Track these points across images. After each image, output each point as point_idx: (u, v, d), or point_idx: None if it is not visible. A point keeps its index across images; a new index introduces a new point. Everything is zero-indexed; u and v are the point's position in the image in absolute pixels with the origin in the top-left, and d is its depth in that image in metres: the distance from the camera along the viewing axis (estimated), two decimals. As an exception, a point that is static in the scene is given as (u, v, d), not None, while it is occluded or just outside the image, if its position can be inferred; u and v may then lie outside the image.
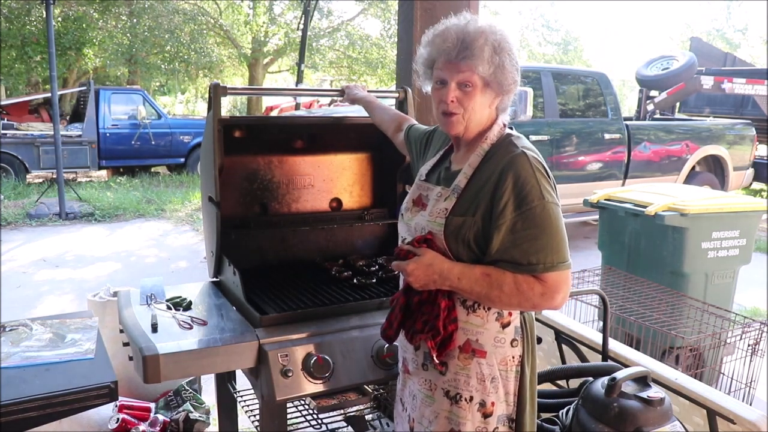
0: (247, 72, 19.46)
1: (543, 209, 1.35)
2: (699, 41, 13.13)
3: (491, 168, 1.42)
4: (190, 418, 2.77)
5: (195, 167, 11.64)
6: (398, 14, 2.76)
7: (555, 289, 1.35)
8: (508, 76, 1.44)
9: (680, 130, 8.01)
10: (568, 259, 1.38)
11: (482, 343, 1.44)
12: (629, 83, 21.63)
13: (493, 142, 1.48)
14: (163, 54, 16.47)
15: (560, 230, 1.37)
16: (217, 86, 1.96)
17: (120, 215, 8.29)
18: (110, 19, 15.74)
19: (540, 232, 1.35)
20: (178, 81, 20.21)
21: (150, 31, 15.53)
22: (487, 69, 1.42)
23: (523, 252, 1.36)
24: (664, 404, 1.76)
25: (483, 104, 1.46)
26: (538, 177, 1.37)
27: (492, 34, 1.43)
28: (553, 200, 1.37)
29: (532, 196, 1.35)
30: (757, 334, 3.11)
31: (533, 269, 1.35)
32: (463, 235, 1.42)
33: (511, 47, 1.45)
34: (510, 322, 1.46)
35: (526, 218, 1.35)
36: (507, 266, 1.37)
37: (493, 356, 1.45)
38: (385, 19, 18.56)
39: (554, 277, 1.35)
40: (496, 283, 1.36)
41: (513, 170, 1.38)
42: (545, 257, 1.35)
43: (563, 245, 1.37)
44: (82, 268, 5.96)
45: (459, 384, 1.46)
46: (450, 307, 1.43)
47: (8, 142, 9.72)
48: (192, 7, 16.98)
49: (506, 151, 1.43)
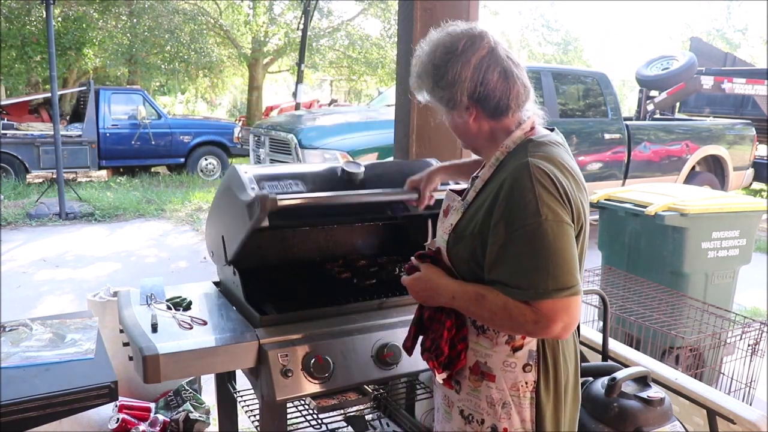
0: (247, 72, 19.48)
1: (538, 228, 1.20)
2: (699, 41, 13.14)
3: (497, 180, 1.32)
4: (190, 418, 2.77)
5: (195, 167, 11.65)
6: (398, 14, 2.76)
7: (550, 318, 1.21)
8: (441, 93, 1.37)
9: (680, 130, 8.01)
10: (571, 285, 1.21)
11: (491, 366, 1.36)
12: (629, 83, 21.63)
13: (509, 150, 1.36)
14: (163, 54, 16.48)
15: (560, 252, 1.21)
16: (266, 198, 1.62)
17: (120, 215, 8.28)
18: (110, 19, 15.75)
19: (533, 254, 1.21)
20: (178, 81, 20.22)
21: (150, 31, 15.54)
22: (424, 98, 1.42)
23: (512, 274, 1.23)
24: (664, 404, 1.76)
25: (460, 125, 1.41)
26: (537, 191, 1.22)
27: (414, 59, 1.42)
28: (555, 218, 1.21)
29: (527, 213, 1.22)
30: (757, 334, 3.11)
31: (523, 294, 1.22)
32: (461, 252, 1.36)
33: (428, 65, 1.37)
34: (522, 346, 1.35)
35: (519, 238, 1.22)
36: (500, 288, 1.26)
37: (502, 380, 1.36)
38: (385, 19, 18.58)
39: (549, 305, 1.20)
40: (488, 306, 1.27)
41: (510, 182, 1.26)
42: (538, 282, 1.20)
43: (564, 269, 1.21)
44: (82, 268, 5.96)
45: (471, 405, 1.40)
46: (458, 325, 1.38)
47: (8, 142, 9.72)
48: (192, 7, 16.99)
49: (514, 161, 1.31)
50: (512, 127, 1.39)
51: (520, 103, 1.37)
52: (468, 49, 1.34)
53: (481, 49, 1.34)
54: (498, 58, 1.35)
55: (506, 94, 1.35)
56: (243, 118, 17.55)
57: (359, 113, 7.53)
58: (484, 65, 1.33)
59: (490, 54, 1.34)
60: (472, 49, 1.34)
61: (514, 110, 1.37)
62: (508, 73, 1.35)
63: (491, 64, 1.34)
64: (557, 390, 1.37)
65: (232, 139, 11.98)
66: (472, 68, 1.33)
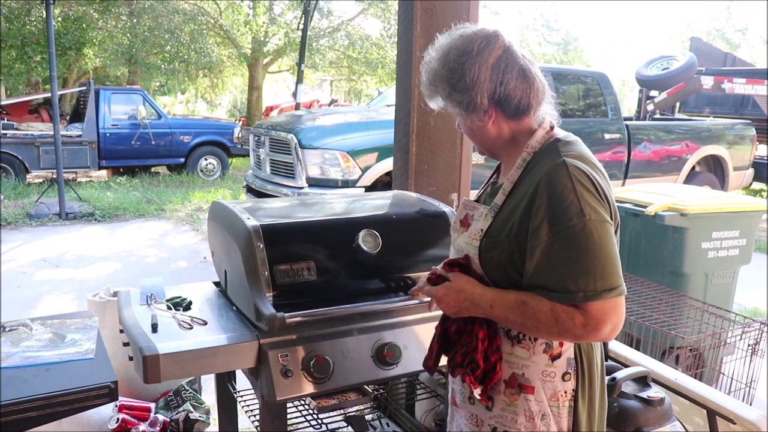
0: (247, 72, 19.49)
1: (583, 228, 1.18)
2: (699, 41, 13.16)
3: (530, 181, 1.28)
4: (190, 418, 2.77)
5: (195, 167, 11.65)
6: (398, 14, 2.76)
7: (600, 320, 1.18)
8: (459, 97, 1.31)
9: (680, 130, 8.01)
10: (617, 285, 1.19)
11: (529, 377, 1.30)
12: (629, 83, 21.66)
13: (535, 150, 1.33)
14: (163, 54, 16.49)
15: (606, 252, 1.19)
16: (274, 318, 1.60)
17: (120, 215, 8.29)
18: (110, 19, 15.76)
19: (580, 255, 1.18)
20: (178, 81, 20.25)
21: (150, 31, 15.55)
22: (438, 104, 1.38)
23: (559, 278, 1.19)
24: (664, 404, 1.76)
25: (477, 129, 1.36)
26: (578, 191, 1.20)
27: (424, 67, 1.37)
28: (597, 217, 1.19)
29: (570, 213, 1.18)
30: (757, 334, 3.11)
31: (572, 298, 1.18)
32: (498, 258, 1.29)
33: (441, 70, 1.32)
34: (561, 354, 1.30)
35: (564, 240, 1.18)
36: (543, 293, 1.21)
37: (541, 392, 1.30)
38: (385, 19, 18.59)
39: (598, 306, 1.17)
40: (532, 312, 1.21)
41: (549, 183, 1.22)
42: (586, 284, 1.17)
43: (610, 270, 1.19)
44: (82, 268, 5.96)
45: (506, 421, 1.33)
46: (490, 335, 1.32)
47: (8, 142, 9.72)
48: (192, 7, 17.01)
49: (548, 161, 1.27)
50: (533, 126, 1.35)
51: (540, 102, 1.34)
52: (484, 49, 1.29)
53: (497, 48, 1.30)
54: (515, 56, 1.31)
55: (527, 93, 1.31)
56: (243, 118, 17.56)
57: (359, 113, 7.52)
58: (502, 65, 1.29)
59: (507, 53, 1.30)
60: (488, 49, 1.29)
61: (535, 109, 1.34)
62: (527, 71, 1.31)
63: (509, 64, 1.30)
64: (591, 396, 1.34)
65: (232, 139, 11.98)
66: (491, 69, 1.29)
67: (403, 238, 1.94)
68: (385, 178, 5.90)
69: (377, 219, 1.98)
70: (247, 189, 7.07)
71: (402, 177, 2.73)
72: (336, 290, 1.79)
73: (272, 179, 6.44)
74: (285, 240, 1.78)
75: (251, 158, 7.28)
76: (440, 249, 1.94)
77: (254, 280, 1.68)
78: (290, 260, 1.73)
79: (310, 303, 1.69)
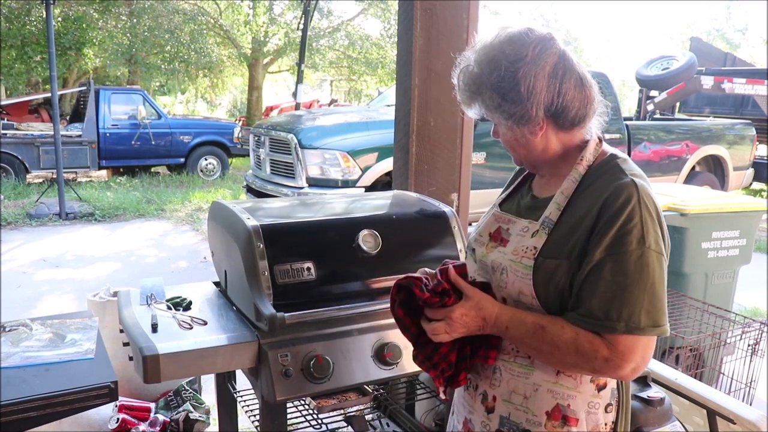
0: (247, 72, 19.50)
1: (641, 256, 1.09)
2: (699, 41, 13.17)
3: (592, 198, 1.16)
4: (190, 418, 2.77)
5: (195, 167, 11.66)
6: (398, 14, 2.76)
7: (625, 356, 1.09)
8: (512, 109, 1.18)
9: (680, 130, 8.01)
10: (662, 323, 1.11)
11: (575, 408, 1.21)
12: (629, 83, 21.65)
13: (590, 164, 1.22)
14: (163, 54, 16.51)
15: (656, 286, 1.10)
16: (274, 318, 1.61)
17: (120, 215, 8.29)
18: (110, 19, 15.77)
19: (631, 284, 1.09)
20: (178, 81, 20.26)
21: (150, 31, 15.57)
22: (477, 113, 1.25)
23: (602, 302, 1.10)
24: (664, 404, 1.76)
25: (523, 140, 1.23)
26: (644, 216, 1.11)
27: (461, 71, 1.23)
28: (657, 249, 1.11)
29: (631, 237, 1.09)
30: (757, 334, 3.11)
31: (610, 326, 1.09)
32: (558, 280, 1.16)
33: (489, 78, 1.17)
34: (606, 385, 1.22)
35: (618, 263, 1.10)
36: (574, 318, 1.13)
37: (584, 424, 1.21)
38: (385, 19, 18.61)
39: (629, 341, 1.09)
40: (550, 338, 1.13)
41: (616, 202, 1.12)
42: (630, 315, 1.09)
43: (658, 306, 1.11)
44: (82, 268, 5.96)
45: None
46: (463, 341, 1.25)
47: (8, 142, 9.73)
48: (192, 7, 17.02)
49: (612, 178, 1.17)
50: (585, 137, 1.26)
51: (595, 111, 1.25)
52: (539, 55, 1.16)
53: (552, 54, 1.17)
54: (571, 62, 1.19)
55: (584, 104, 1.21)
56: (243, 118, 17.58)
57: (359, 113, 7.52)
58: (560, 72, 1.17)
59: (563, 59, 1.18)
60: (544, 55, 1.16)
61: (590, 119, 1.24)
62: (584, 79, 1.21)
63: (566, 71, 1.18)
64: (626, 427, 1.28)
65: (232, 139, 11.99)
66: (548, 78, 1.16)
67: (403, 238, 1.94)
68: (385, 178, 5.90)
69: (377, 219, 1.98)
70: (247, 189, 7.07)
71: (402, 177, 2.73)
72: (336, 290, 1.79)
73: (272, 179, 6.44)
74: (285, 240, 1.78)
75: (251, 158, 7.28)
76: (440, 249, 1.95)
77: (254, 280, 1.68)
78: (290, 260, 1.73)
79: (310, 303, 1.70)
